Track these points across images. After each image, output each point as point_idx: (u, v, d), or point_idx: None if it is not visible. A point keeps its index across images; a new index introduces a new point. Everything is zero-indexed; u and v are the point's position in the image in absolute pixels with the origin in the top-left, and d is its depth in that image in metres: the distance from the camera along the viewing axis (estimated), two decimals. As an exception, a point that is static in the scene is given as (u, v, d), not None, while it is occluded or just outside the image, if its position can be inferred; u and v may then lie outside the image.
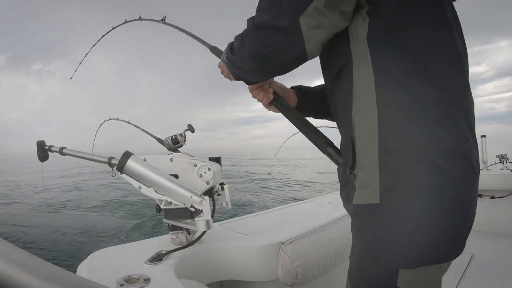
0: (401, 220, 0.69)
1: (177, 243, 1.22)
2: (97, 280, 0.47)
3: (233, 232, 1.44)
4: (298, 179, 16.45)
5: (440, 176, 0.67)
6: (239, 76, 0.95)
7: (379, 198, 0.70)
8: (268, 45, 0.75)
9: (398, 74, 0.69)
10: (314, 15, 0.68)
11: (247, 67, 0.85)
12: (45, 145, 1.09)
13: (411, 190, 0.68)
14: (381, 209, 0.70)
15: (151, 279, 0.93)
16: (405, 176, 0.68)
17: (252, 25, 0.77)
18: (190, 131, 1.37)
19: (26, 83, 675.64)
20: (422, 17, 0.72)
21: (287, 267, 1.27)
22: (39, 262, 0.31)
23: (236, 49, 0.85)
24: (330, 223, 1.61)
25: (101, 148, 3.26)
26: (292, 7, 0.70)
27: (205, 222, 1.03)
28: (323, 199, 2.34)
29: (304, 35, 0.70)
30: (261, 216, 1.85)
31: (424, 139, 0.67)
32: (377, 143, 0.70)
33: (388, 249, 0.72)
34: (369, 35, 0.71)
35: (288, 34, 0.71)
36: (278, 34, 0.73)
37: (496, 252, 2.37)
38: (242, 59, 0.84)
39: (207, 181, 1.13)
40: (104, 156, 1.04)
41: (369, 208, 0.72)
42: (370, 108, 0.71)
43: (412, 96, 0.68)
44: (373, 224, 0.73)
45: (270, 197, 10.58)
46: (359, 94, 0.73)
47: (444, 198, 0.68)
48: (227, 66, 0.94)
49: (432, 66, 0.70)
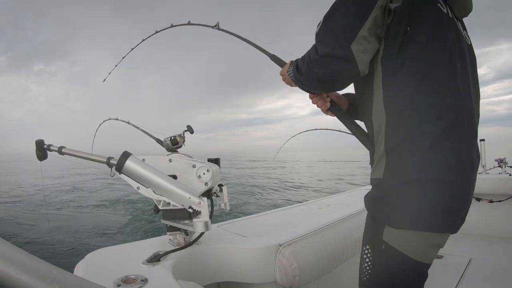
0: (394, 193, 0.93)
1: (175, 244, 1.22)
2: (94, 280, 0.46)
3: (231, 234, 1.44)
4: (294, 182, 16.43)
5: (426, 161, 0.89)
6: (299, 87, 1.13)
7: (382, 175, 0.95)
8: (331, 71, 0.97)
9: (399, 87, 0.93)
10: (361, 42, 0.89)
11: (313, 86, 1.09)
12: (44, 144, 1.09)
13: (401, 170, 0.92)
14: (382, 182, 0.96)
15: (149, 280, 0.92)
16: (400, 162, 0.92)
17: (317, 56, 0.95)
18: (189, 132, 1.37)
19: (27, 84, 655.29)
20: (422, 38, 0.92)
21: (284, 269, 1.27)
22: (36, 261, 0.31)
23: (304, 72, 1.04)
24: (329, 226, 1.61)
25: (100, 148, 3.26)
26: (344, 38, 0.90)
27: (203, 223, 1.03)
28: (321, 201, 2.34)
29: (357, 59, 0.90)
30: (259, 217, 1.85)
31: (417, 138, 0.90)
32: (384, 140, 0.95)
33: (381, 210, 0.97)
34: (382, 57, 0.94)
35: (345, 61, 0.91)
36: (337, 62, 0.93)
37: (495, 256, 2.37)
38: (308, 80, 1.05)
39: (205, 182, 1.13)
40: (103, 156, 1.04)
41: (376, 181, 0.99)
42: (380, 113, 0.96)
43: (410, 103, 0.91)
44: (377, 192, 1.00)
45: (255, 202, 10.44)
46: (375, 103, 0.98)
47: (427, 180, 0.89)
48: (293, 81, 1.12)
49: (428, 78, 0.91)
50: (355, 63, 0.90)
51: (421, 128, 0.90)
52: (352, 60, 0.90)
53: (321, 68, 0.96)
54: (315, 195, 11.15)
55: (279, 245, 1.32)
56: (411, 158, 0.91)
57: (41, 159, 1.10)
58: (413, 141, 0.91)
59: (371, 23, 0.89)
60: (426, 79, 0.91)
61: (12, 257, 0.29)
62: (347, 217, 1.77)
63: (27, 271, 0.29)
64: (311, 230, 1.50)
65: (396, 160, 0.93)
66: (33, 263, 0.31)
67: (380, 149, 0.96)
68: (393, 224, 0.93)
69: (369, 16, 0.89)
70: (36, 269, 0.30)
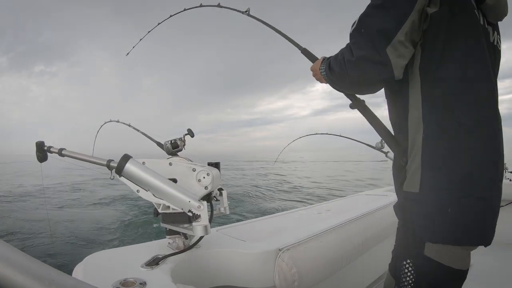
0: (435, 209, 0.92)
1: (174, 247, 1.21)
2: (92, 282, 0.46)
3: (230, 238, 1.44)
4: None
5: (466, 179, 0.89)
6: (331, 86, 1.14)
7: (419, 189, 0.94)
8: (366, 74, 0.96)
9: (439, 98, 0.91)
10: (397, 46, 0.88)
11: (345, 87, 1.10)
12: (44, 145, 1.09)
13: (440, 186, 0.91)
14: (420, 198, 0.95)
15: (147, 283, 0.92)
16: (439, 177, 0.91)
17: (352, 58, 0.94)
18: (189, 135, 1.37)
19: (27, 84, 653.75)
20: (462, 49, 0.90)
21: (284, 274, 1.26)
22: (34, 263, 0.31)
23: (337, 73, 1.03)
24: (328, 231, 1.60)
25: (101, 150, 3.27)
26: (380, 41, 0.89)
27: (203, 227, 1.03)
28: (321, 206, 2.33)
29: (393, 63, 0.89)
30: (259, 222, 1.84)
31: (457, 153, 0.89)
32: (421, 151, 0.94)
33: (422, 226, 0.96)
34: (420, 64, 0.93)
35: (381, 65, 0.90)
36: (373, 66, 0.92)
37: (496, 262, 2.35)
38: (341, 81, 1.06)
39: (205, 186, 1.13)
40: (103, 159, 1.04)
41: (413, 195, 0.97)
42: (418, 122, 0.95)
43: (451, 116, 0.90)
44: (414, 207, 0.97)
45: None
46: (412, 111, 0.96)
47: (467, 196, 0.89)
48: (325, 79, 1.13)
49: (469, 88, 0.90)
50: (390, 68, 0.90)
51: (461, 143, 0.89)
52: (388, 64, 0.89)
53: (355, 70, 0.96)
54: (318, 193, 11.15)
55: (278, 250, 1.31)
56: (451, 174, 0.90)
57: (41, 160, 1.10)
58: (453, 156, 0.90)
59: (408, 27, 0.87)
60: (467, 92, 0.90)
61: (10, 259, 0.29)
62: (346, 222, 1.77)
63: (25, 272, 0.29)
64: (311, 235, 1.50)
65: (434, 174, 0.92)
66: (31, 265, 0.31)
67: (416, 160, 0.95)
68: (435, 240, 0.93)
69: (407, 19, 0.87)
70: (34, 271, 0.30)
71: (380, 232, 1.95)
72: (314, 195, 11.77)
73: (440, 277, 0.97)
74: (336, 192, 12.20)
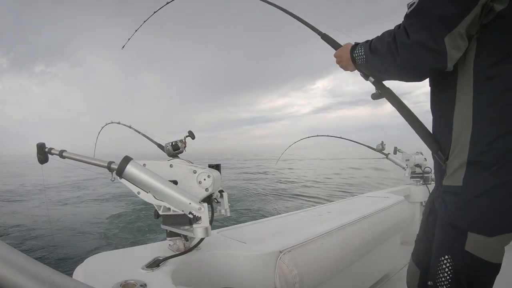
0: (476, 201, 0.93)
1: (174, 249, 1.21)
2: (93, 284, 0.46)
3: (231, 240, 1.44)
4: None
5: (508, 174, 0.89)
6: (368, 71, 1.13)
7: (462, 183, 0.95)
8: (418, 61, 0.92)
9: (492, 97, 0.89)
10: (456, 38, 0.85)
11: (389, 71, 1.03)
12: (45, 147, 1.09)
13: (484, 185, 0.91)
14: (463, 191, 0.95)
15: (148, 285, 0.92)
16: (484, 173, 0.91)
17: (408, 40, 0.90)
18: (190, 137, 1.37)
19: (28, 85, 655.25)
20: None
21: (284, 276, 1.26)
22: (35, 265, 0.31)
23: (382, 54, 0.99)
24: (329, 233, 1.60)
25: (102, 152, 3.27)
26: (439, 29, 0.85)
27: (203, 229, 1.03)
28: (322, 208, 2.33)
29: (448, 53, 0.86)
30: (259, 224, 1.84)
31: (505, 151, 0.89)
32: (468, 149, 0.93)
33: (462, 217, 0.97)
34: (475, 58, 0.90)
35: (438, 54, 0.87)
36: (427, 53, 0.88)
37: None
38: (387, 63, 1.00)
39: (206, 188, 1.13)
40: (103, 160, 1.04)
41: (454, 188, 0.98)
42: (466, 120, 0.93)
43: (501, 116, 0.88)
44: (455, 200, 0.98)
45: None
46: (460, 107, 0.95)
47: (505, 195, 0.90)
48: (360, 64, 1.11)
49: None
50: (445, 58, 0.87)
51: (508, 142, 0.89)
52: (444, 54, 0.86)
53: (408, 54, 0.92)
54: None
55: (279, 252, 1.31)
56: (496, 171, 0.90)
57: (42, 162, 1.10)
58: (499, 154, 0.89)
59: (470, 20, 0.84)
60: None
61: (12, 261, 0.29)
62: (347, 224, 1.76)
63: (26, 275, 0.29)
64: (312, 237, 1.49)
65: (479, 171, 0.92)
66: (32, 267, 0.31)
67: (461, 158, 0.95)
68: (476, 230, 0.95)
69: (470, 12, 0.83)
70: (35, 273, 0.30)
71: (381, 234, 1.95)
72: (312, 195, 11.79)
73: (478, 272, 0.99)
74: (335, 192, 12.20)
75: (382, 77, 1.13)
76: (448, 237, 1.03)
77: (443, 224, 1.06)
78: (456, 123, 0.96)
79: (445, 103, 1.00)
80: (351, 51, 1.14)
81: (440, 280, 1.05)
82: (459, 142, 0.96)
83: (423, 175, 3.61)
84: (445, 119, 1.00)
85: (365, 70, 1.13)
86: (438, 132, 1.06)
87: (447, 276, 1.03)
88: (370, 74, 1.14)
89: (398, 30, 0.94)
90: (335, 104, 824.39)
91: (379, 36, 1.02)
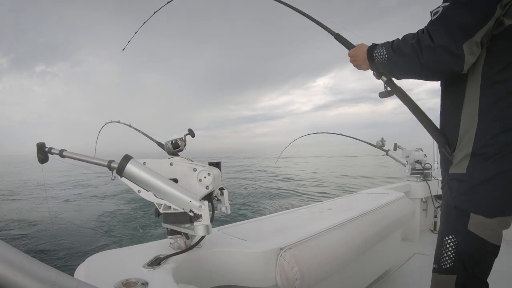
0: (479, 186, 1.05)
1: (175, 247, 1.22)
2: (94, 283, 0.46)
3: (232, 237, 1.44)
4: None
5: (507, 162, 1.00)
6: (387, 69, 1.23)
7: (466, 170, 1.07)
8: (440, 62, 1.02)
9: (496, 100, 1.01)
10: (473, 45, 0.96)
11: (411, 70, 1.13)
12: (45, 147, 1.09)
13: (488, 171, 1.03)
14: (467, 177, 1.07)
15: (149, 283, 0.92)
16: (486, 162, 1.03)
17: (432, 44, 1.01)
18: (190, 135, 1.37)
19: (29, 85, 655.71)
20: None
21: (285, 273, 1.26)
22: (36, 264, 0.31)
23: (407, 55, 1.09)
24: (330, 229, 1.60)
25: (103, 151, 3.28)
26: (460, 35, 0.96)
27: (204, 227, 1.03)
28: (322, 205, 2.33)
29: (465, 59, 0.97)
30: (260, 221, 1.84)
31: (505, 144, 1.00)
32: (472, 143, 1.05)
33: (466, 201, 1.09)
34: (484, 65, 1.02)
35: (457, 58, 0.98)
36: (448, 56, 0.99)
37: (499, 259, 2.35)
38: (409, 64, 1.10)
39: (206, 186, 1.13)
40: (104, 160, 1.04)
41: (459, 175, 1.10)
42: (472, 118, 1.05)
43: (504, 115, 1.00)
44: (460, 186, 1.10)
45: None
46: (467, 107, 1.07)
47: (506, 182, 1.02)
48: (380, 61, 1.20)
49: None
50: (462, 62, 0.98)
51: (508, 136, 1.00)
52: (462, 58, 0.98)
53: (432, 56, 1.02)
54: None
55: (280, 249, 1.31)
56: (496, 161, 1.02)
57: (42, 162, 1.10)
58: (500, 147, 1.01)
59: (485, 31, 0.97)
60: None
61: (13, 261, 0.29)
62: (348, 221, 1.77)
63: (27, 274, 0.29)
64: (312, 234, 1.50)
65: (481, 161, 1.04)
66: (33, 266, 0.31)
67: (466, 150, 1.07)
68: (478, 212, 1.06)
69: (486, 24, 0.96)
70: (36, 272, 0.30)
71: (381, 230, 1.95)
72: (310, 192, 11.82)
73: (479, 251, 1.09)
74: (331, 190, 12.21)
75: (401, 76, 1.22)
76: (453, 219, 1.14)
77: (448, 207, 1.17)
78: (463, 121, 1.08)
79: (454, 103, 1.12)
80: (371, 51, 1.24)
81: (444, 260, 1.15)
82: (465, 137, 1.08)
83: (423, 171, 3.62)
84: (454, 117, 1.12)
85: (384, 68, 1.23)
86: (446, 127, 1.18)
87: (450, 255, 1.13)
88: (389, 72, 1.24)
89: (422, 34, 1.05)
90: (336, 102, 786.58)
91: (400, 38, 1.13)
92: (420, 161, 3.65)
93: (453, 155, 1.14)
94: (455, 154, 1.13)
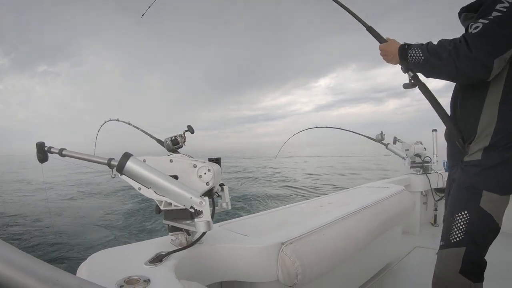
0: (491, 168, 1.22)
1: (177, 244, 1.22)
2: (97, 281, 0.46)
3: (233, 233, 1.44)
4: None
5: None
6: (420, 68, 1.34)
7: (481, 157, 1.24)
8: (472, 70, 1.16)
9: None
10: (501, 61, 1.13)
11: (445, 73, 1.25)
12: (44, 146, 1.09)
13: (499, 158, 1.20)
14: (481, 162, 1.24)
15: (151, 280, 0.93)
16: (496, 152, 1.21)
17: (470, 54, 1.14)
18: (189, 132, 1.37)
19: (30, 85, 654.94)
20: None
21: (287, 268, 1.27)
22: (38, 263, 0.31)
23: (444, 59, 1.21)
24: (330, 224, 1.61)
25: (103, 148, 3.28)
26: (494, 52, 1.12)
27: (205, 223, 1.03)
28: (323, 199, 2.34)
29: (493, 71, 1.13)
30: (261, 216, 1.85)
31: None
32: (490, 137, 1.22)
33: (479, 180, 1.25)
34: (507, 76, 1.19)
35: (487, 69, 1.13)
36: (481, 67, 1.14)
37: (500, 253, 2.36)
38: (445, 66, 1.22)
39: (206, 182, 1.13)
40: (103, 158, 1.04)
41: (474, 162, 1.26)
42: (492, 117, 1.22)
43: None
44: (475, 169, 1.26)
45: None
46: (487, 107, 1.23)
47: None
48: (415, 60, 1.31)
49: None
50: (490, 73, 1.14)
51: None
52: (490, 70, 1.13)
53: (467, 64, 1.16)
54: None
55: (281, 244, 1.32)
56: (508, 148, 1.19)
57: (42, 161, 1.10)
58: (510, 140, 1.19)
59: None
60: None
61: (15, 261, 0.29)
62: (348, 215, 1.77)
63: (29, 273, 0.29)
64: (313, 228, 1.50)
65: (495, 149, 1.21)
66: (35, 266, 0.31)
67: (483, 143, 1.24)
68: (490, 189, 1.22)
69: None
70: (38, 272, 0.30)
71: (382, 224, 1.96)
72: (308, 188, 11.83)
73: (488, 228, 1.25)
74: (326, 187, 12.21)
75: (432, 76, 1.32)
76: (465, 196, 1.28)
77: (459, 188, 1.32)
78: (483, 119, 1.24)
79: (475, 104, 1.27)
80: (405, 50, 1.36)
81: (454, 234, 1.28)
82: (484, 133, 1.24)
83: (423, 164, 3.62)
84: (474, 116, 1.27)
85: (417, 67, 1.35)
86: (465, 123, 1.32)
87: (461, 229, 1.27)
88: (421, 71, 1.35)
89: (460, 43, 1.17)
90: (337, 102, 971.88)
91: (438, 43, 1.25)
92: (419, 154, 3.65)
93: (469, 147, 1.29)
94: (471, 146, 1.28)
